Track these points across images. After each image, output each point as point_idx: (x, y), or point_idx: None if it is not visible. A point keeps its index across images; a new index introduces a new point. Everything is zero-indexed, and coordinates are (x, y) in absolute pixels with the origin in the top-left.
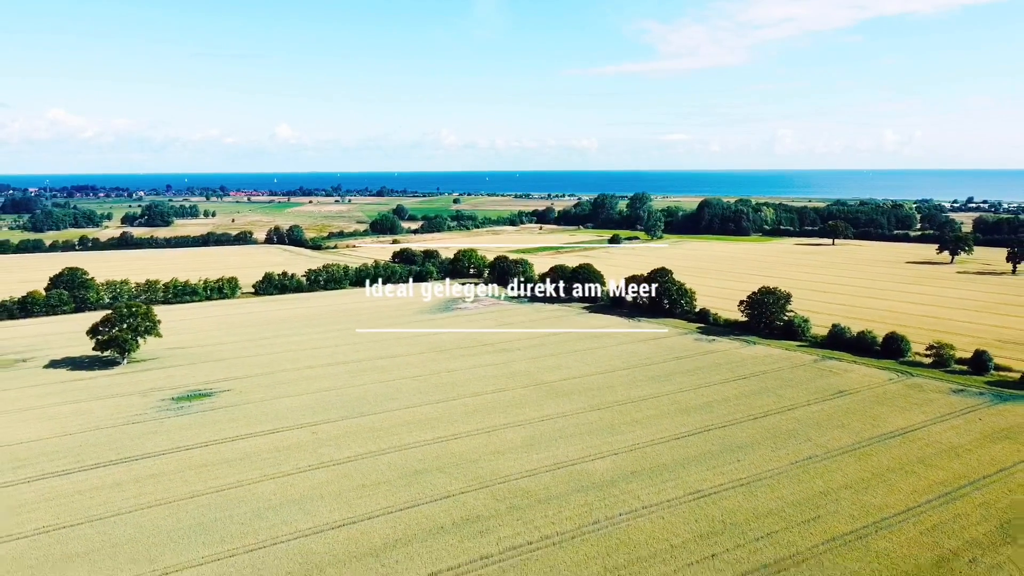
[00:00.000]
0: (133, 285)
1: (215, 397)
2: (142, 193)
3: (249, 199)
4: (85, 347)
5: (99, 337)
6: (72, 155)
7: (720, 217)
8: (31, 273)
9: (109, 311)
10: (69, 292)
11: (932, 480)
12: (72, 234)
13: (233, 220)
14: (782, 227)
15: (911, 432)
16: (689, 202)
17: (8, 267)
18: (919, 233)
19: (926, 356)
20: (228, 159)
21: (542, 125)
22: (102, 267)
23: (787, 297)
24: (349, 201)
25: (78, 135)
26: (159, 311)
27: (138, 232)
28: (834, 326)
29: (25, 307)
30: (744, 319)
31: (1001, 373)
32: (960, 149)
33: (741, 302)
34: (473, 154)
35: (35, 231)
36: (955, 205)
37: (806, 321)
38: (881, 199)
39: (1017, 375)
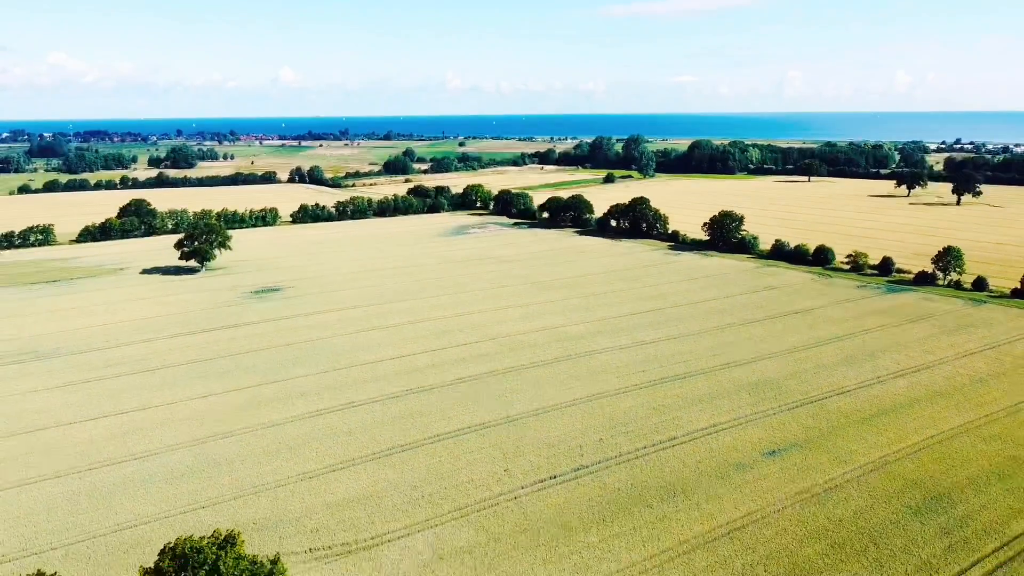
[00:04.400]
0: (191, 214)
1: (283, 291)
2: (155, 138)
3: (261, 143)
4: (167, 260)
5: (184, 249)
6: (75, 100)
7: (709, 157)
8: (87, 207)
9: (179, 234)
10: (139, 219)
11: (811, 335)
12: (110, 175)
13: (252, 162)
14: (766, 166)
15: (811, 310)
16: (686, 144)
17: (65, 203)
18: (889, 171)
19: (846, 263)
20: (231, 103)
21: (548, 68)
22: (151, 202)
23: (741, 219)
24: (358, 145)
25: (80, 79)
26: None
27: (171, 173)
28: (777, 241)
29: (105, 232)
30: (707, 238)
31: (901, 274)
32: (974, 91)
33: (704, 223)
34: (478, 98)
35: (69, 173)
36: (941, 146)
37: (756, 238)
38: (873, 141)
39: (912, 276)
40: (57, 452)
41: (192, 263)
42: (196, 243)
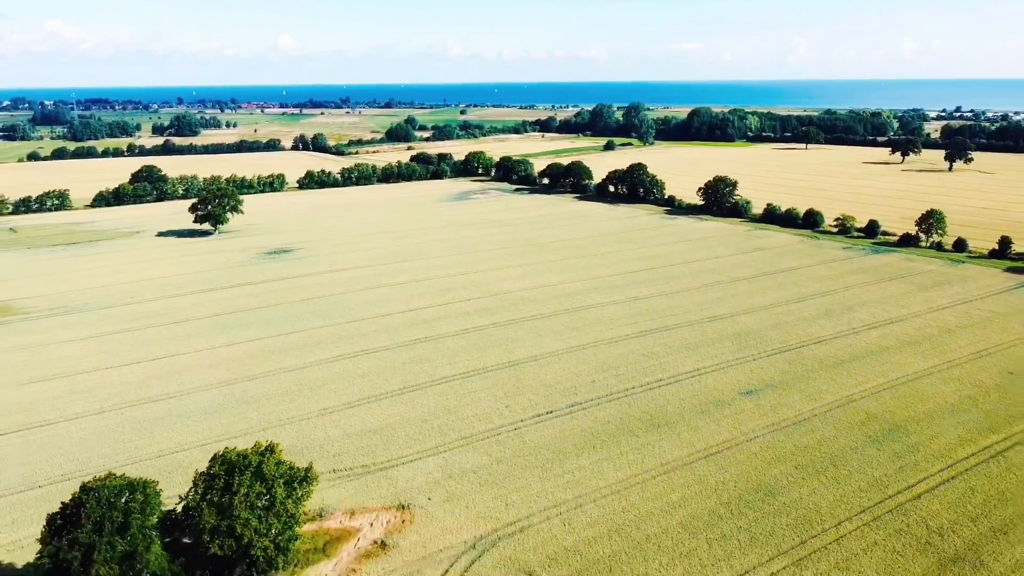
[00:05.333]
0: (201, 180)
1: (295, 252)
2: (156, 106)
3: (262, 111)
4: (180, 224)
5: (198, 212)
6: (73, 68)
7: (708, 125)
8: (97, 174)
9: (190, 199)
10: (151, 185)
11: (795, 292)
12: (116, 142)
13: (255, 130)
14: (764, 134)
15: (797, 269)
16: (686, 112)
17: (75, 169)
18: (886, 139)
19: (834, 226)
20: (229, 71)
21: (550, 34)
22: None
23: (734, 184)
24: (359, 113)
25: (77, 47)
26: None
27: (176, 141)
28: (768, 205)
29: (118, 197)
30: (702, 203)
31: (886, 236)
32: (980, 58)
33: (699, 189)
34: (479, 66)
35: (75, 141)
36: (941, 114)
37: (748, 202)
38: (873, 108)
39: (896, 238)
40: (98, 392)
41: (206, 226)
42: (209, 207)
